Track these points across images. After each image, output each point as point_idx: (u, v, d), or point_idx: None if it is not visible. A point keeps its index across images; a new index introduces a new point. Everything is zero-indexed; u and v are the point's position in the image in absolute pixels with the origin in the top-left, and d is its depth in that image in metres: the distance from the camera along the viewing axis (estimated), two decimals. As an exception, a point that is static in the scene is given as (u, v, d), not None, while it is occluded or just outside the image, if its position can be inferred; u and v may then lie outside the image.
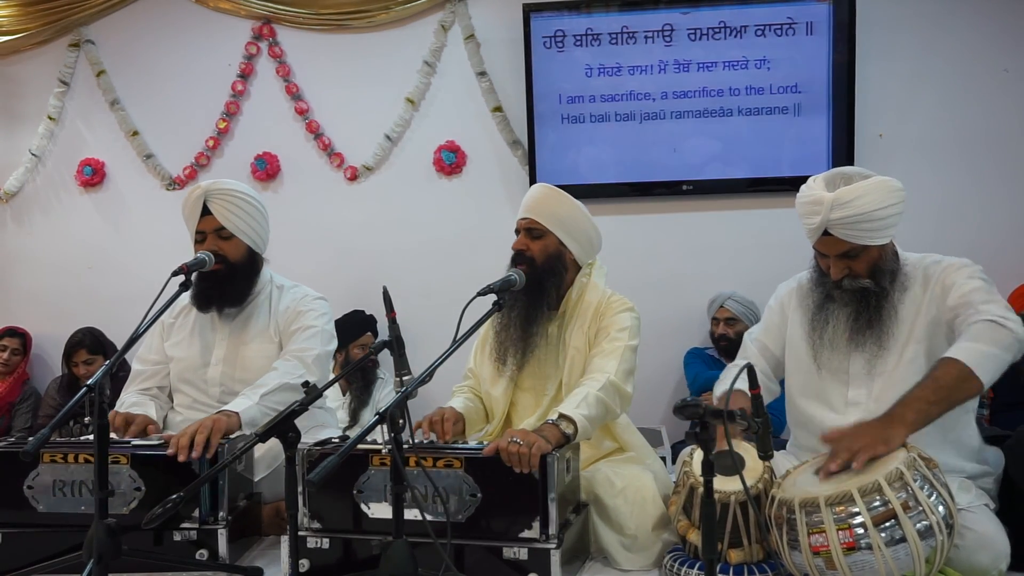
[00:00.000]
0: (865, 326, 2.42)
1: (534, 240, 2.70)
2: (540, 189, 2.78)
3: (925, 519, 2.03)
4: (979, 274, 2.40)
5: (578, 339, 2.73)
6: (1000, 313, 2.26)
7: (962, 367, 2.19)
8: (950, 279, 2.39)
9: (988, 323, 2.24)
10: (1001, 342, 2.22)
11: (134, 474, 2.47)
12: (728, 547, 2.29)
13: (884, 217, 2.34)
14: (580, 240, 2.74)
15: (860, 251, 2.39)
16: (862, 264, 2.41)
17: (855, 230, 2.34)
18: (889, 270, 2.42)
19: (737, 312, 4.25)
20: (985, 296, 2.32)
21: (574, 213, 2.73)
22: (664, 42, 4.42)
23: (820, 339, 2.49)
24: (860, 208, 2.31)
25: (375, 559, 2.32)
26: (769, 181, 4.42)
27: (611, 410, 2.59)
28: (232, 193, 2.87)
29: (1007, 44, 4.29)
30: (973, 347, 2.21)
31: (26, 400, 4.76)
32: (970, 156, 4.33)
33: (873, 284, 2.41)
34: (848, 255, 2.40)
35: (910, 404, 2.18)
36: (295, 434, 2.09)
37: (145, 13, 4.82)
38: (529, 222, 2.72)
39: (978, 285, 2.35)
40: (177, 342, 3.02)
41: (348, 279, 4.56)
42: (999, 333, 2.22)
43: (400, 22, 4.66)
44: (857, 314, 2.43)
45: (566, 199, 2.74)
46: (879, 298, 2.41)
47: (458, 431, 2.65)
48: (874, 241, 2.37)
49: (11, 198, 4.97)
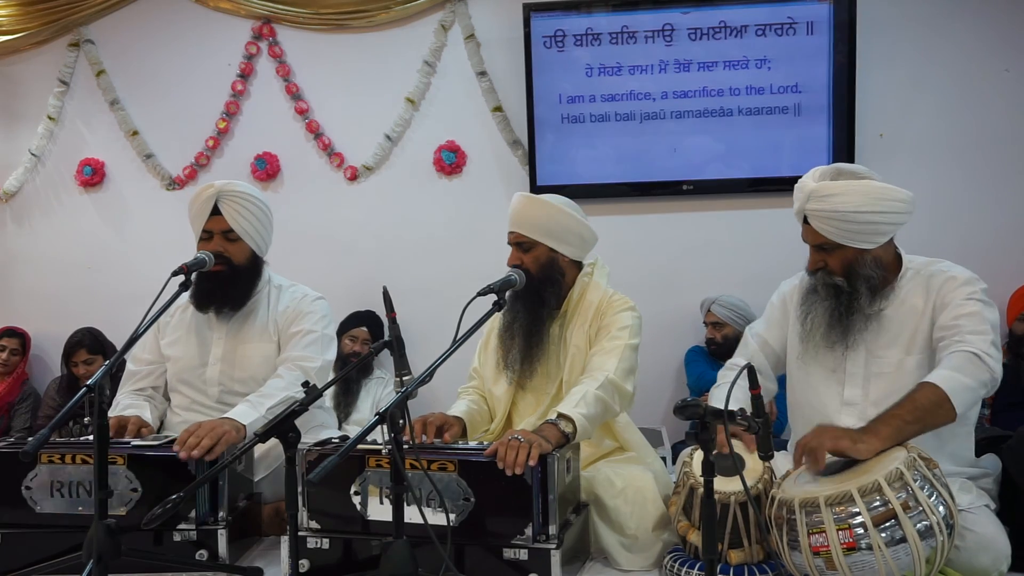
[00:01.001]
0: (836, 323, 2.44)
1: (525, 253, 2.71)
2: (518, 200, 2.76)
3: (925, 519, 2.03)
4: (979, 295, 2.38)
5: (579, 338, 2.73)
6: (984, 348, 2.26)
7: (941, 394, 2.20)
8: (949, 296, 2.39)
9: (971, 355, 2.25)
10: (979, 377, 2.24)
11: (131, 475, 2.46)
12: (728, 547, 2.28)
13: (863, 222, 2.34)
14: (570, 241, 2.74)
15: (834, 247, 2.41)
16: (835, 261, 2.43)
17: (829, 225, 2.37)
18: (865, 276, 2.41)
19: (722, 316, 4.25)
20: (975, 325, 2.32)
21: (556, 216, 2.71)
22: (664, 42, 4.42)
23: (802, 328, 2.52)
24: (833, 206, 2.33)
25: (375, 559, 2.31)
26: (769, 181, 4.42)
27: (610, 408, 2.58)
28: (244, 196, 2.88)
29: (1008, 44, 4.29)
30: (954, 377, 2.22)
31: (25, 400, 4.76)
32: (971, 156, 4.33)
33: (846, 284, 2.42)
34: (823, 248, 2.43)
35: (887, 420, 2.19)
36: (295, 434, 2.09)
37: (145, 13, 4.82)
38: (516, 236, 2.73)
39: (973, 310, 2.34)
40: (173, 341, 3.01)
41: (348, 279, 4.56)
42: (978, 368, 2.24)
43: (400, 22, 4.66)
44: (832, 310, 2.45)
45: (545, 204, 2.73)
46: (851, 299, 2.42)
47: (455, 435, 2.65)
48: (853, 243, 2.38)
49: (11, 198, 4.98)
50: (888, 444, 2.16)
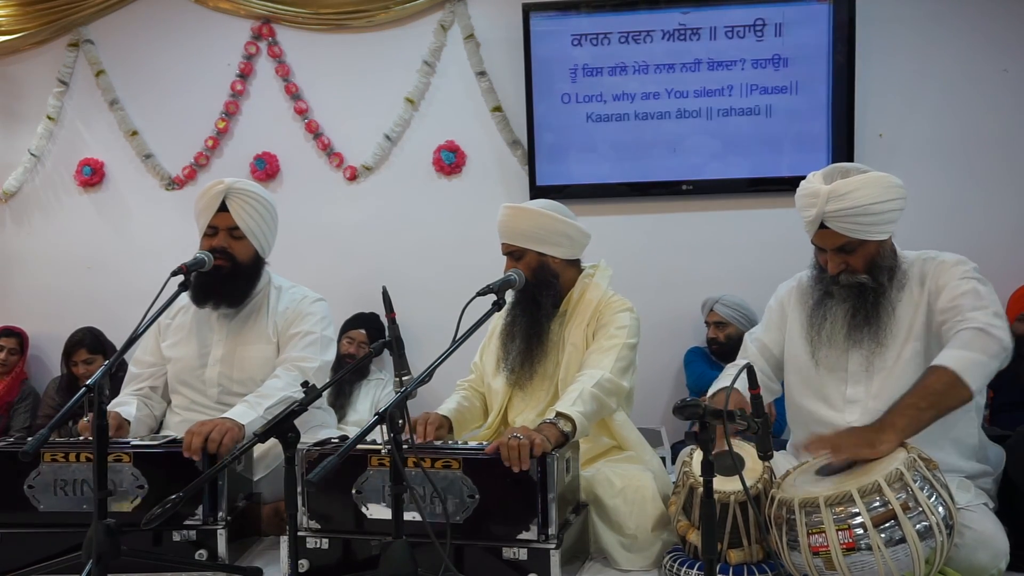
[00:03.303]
0: (863, 322, 2.42)
1: (517, 261, 2.75)
2: (503, 212, 2.80)
3: (925, 520, 2.03)
4: (972, 273, 2.39)
5: (577, 337, 2.76)
6: (987, 320, 2.26)
7: (952, 374, 2.19)
8: (943, 279, 2.40)
9: (976, 331, 2.25)
10: (988, 350, 2.23)
11: (137, 472, 2.49)
12: (728, 547, 2.29)
13: (881, 212, 2.34)
14: (557, 242, 2.76)
15: (857, 245, 2.39)
16: (859, 259, 2.41)
17: (851, 223, 2.35)
18: (887, 267, 2.43)
19: (725, 316, 4.25)
20: (974, 301, 2.32)
21: (539, 221, 2.74)
22: (664, 42, 4.42)
23: (818, 336, 2.50)
24: (856, 201, 2.32)
25: (374, 559, 2.32)
26: (769, 181, 4.41)
27: (606, 405, 2.60)
28: (253, 195, 2.90)
29: (1007, 44, 4.29)
30: (962, 355, 2.22)
31: (24, 400, 4.76)
32: (970, 156, 4.33)
33: (870, 280, 2.41)
34: (845, 249, 2.41)
35: (901, 411, 2.19)
36: (294, 434, 2.09)
37: (145, 13, 4.82)
38: (506, 247, 2.79)
39: (968, 288, 2.35)
40: (174, 343, 3.01)
41: (348, 279, 4.56)
42: (986, 341, 2.24)
43: (399, 22, 4.66)
44: (855, 311, 2.43)
45: (527, 212, 2.77)
46: (876, 295, 2.42)
47: (441, 435, 2.66)
48: (871, 236, 2.37)
49: (10, 198, 4.97)
50: (907, 434, 2.16)
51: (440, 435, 2.66)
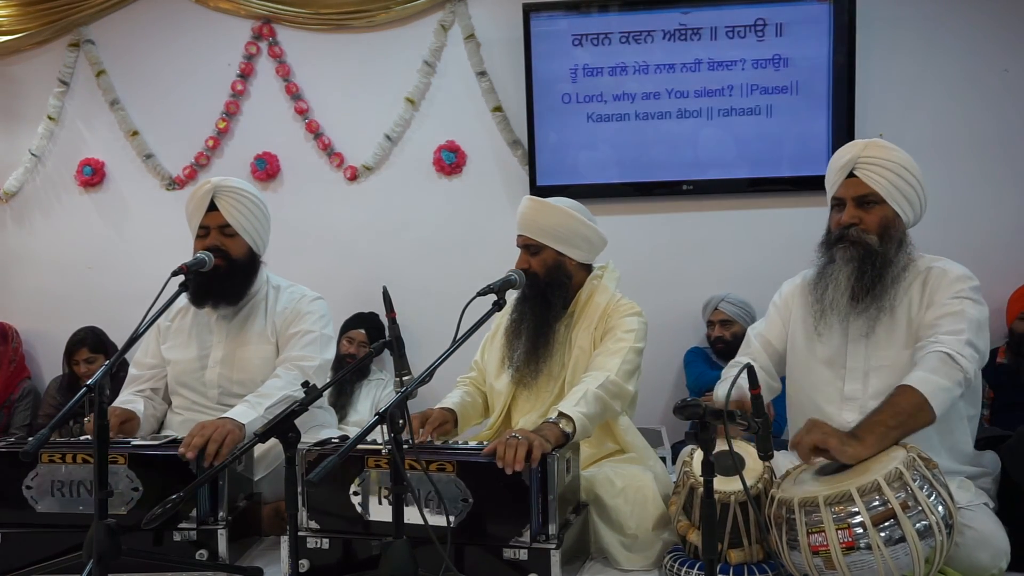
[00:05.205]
0: (868, 285, 2.43)
1: (533, 256, 2.74)
2: (526, 204, 2.79)
3: (924, 519, 2.03)
4: (967, 293, 2.39)
5: (584, 339, 2.75)
6: (957, 348, 2.27)
7: (921, 398, 2.20)
8: (939, 293, 2.41)
9: (943, 356, 2.26)
10: (953, 378, 2.25)
11: (132, 474, 2.47)
12: (728, 547, 2.29)
13: (908, 183, 2.42)
14: (578, 244, 2.75)
15: (876, 203, 2.43)
16: (874, 218, 2.44)
17: (881, 176, 2.40)
18: (899, 240, 2.45)
19: (731, 314, 4.24)
20: (952, 325, 2.33)
21: (564, 220, 2.73)
22: (664, 42, 4.42)
23: (820, 304, 2.50)
24: (892, 157, 2.42)
25: (375, 559, 2.32)
26: (769, 181, 4.41)
27: (610, 408, 2.59)
28: (241, 192, 2.90)
29: (1007, 44, 4.29)
30: (930, 379, 2.23)
31: (25, 398, 4.76)
32: (970, 156, 4.33)
33: (879, 243, 2.43)
34: (865, 201, 2.44)
35: (871, 428, 2.20)
36: (295, 434, 2.10)
37: (145, 13, 4.82)
38: (524, 239, 2.76)
39: (955, 309, 2.35)
40: (174, 345, 3.02)
41: (348, 279, 4.56)
42: (951, 368, 2.25)
43: (400, 22, 4.65)
44: (860, 273, 2.43)
45: (553, 208, 2.75)
46: (882, 263, 2.43)
47: (446, 431, 2.66)
48: (895, 203, 2.42)
49: (11, 198, 4.97)
50: (873, 452, 2.16)
51: (446, 430, 2.65)
